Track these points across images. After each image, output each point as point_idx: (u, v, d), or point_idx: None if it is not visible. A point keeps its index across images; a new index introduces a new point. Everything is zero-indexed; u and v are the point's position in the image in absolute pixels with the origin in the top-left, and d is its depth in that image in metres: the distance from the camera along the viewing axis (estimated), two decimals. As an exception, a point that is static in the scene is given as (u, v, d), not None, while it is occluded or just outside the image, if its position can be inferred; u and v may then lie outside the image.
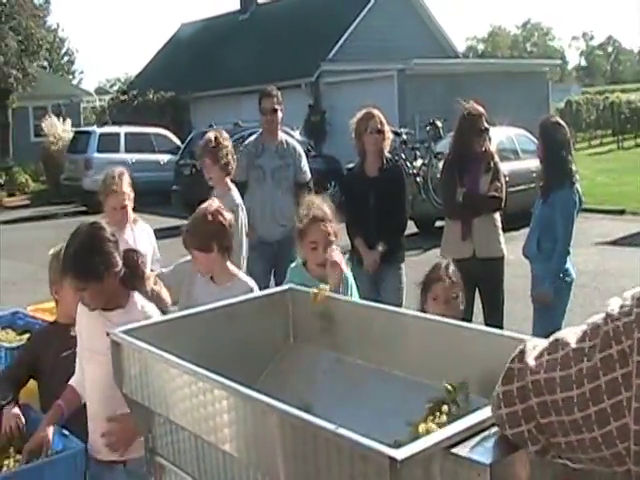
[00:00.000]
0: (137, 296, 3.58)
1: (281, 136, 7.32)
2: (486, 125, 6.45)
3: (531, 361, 1.56)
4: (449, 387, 2.25)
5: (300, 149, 7.43)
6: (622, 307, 1.43)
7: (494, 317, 6.24)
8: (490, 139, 6.73)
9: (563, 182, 6.03)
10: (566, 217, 6.02)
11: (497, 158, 6.67)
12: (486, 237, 6.40)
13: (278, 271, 7.00)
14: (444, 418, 2.12)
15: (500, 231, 6.51)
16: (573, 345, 1.48)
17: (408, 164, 16.24)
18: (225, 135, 6.55)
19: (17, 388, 4.05)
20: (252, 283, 4.38)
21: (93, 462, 3.57)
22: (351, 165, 6.70)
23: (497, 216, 6.51)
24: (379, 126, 6.33)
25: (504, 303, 6.60)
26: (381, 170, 6.41)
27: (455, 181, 6.46)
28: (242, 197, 7.26)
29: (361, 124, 6.38)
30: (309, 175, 7.38)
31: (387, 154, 6.54)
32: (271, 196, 7.12)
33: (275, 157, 7.18)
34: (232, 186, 6.47)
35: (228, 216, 4.41)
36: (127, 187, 5.66)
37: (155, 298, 4.20)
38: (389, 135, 6.47)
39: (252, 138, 7.41)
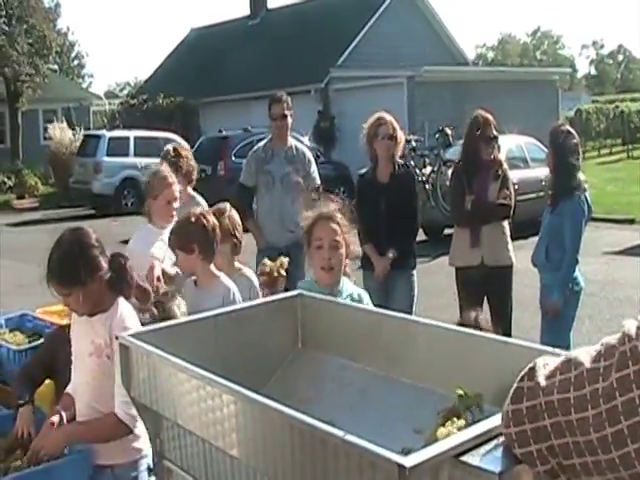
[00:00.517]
0: (121, 302, 3.57)
1: (291, 142, 7.31)
2: (495, 133, 6.45)
3: (542, 380, 1.54)
4: (462, 393, 2.22)
5: (310, 155, 7.42)
6: (639, 328, 1.42)
7: (502, 325, 6.22)
8: (499, 147, 6.73)
9: (572, 191, 6.02)
10: (574, 226, 6.00)
11: (506, 166, 6.67)
12: (495, 245, 6.39)
13: (287, 277, 7.00)
14: (461, 423, 2.10)
15: (509, 239, 6.50)
16: (587, 365, 1.47)
17: (417, 171, 16.20)
18: (184, 145, 6.57)
19: (33, 388, 4.09)
20: (232, 285, 4.39)
21: None
22: (363, 170, 6.65)
23: (506, 224, 6.49)
24: (391, 132, 6.28)
25: (512, 311, 6.59)
26: (392, 176, 6.37)
27: (464, 188, 6.45)
28: (250, 202, 7.26)
29: (372, 129, 6.34)
30: (318, 181, 7.35)
31: (399, 160, 6.50)
32: (280, 202, 7.10)
33: (284, 163, 7.16)
34: (195, 194, 6.44)
35: (213, 220, 4.45)
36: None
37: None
38: (401, 141, 6.43)
39: (262, 143, 7.41)
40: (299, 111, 8.92)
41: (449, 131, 17.41)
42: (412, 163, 16.40)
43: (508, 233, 6.51)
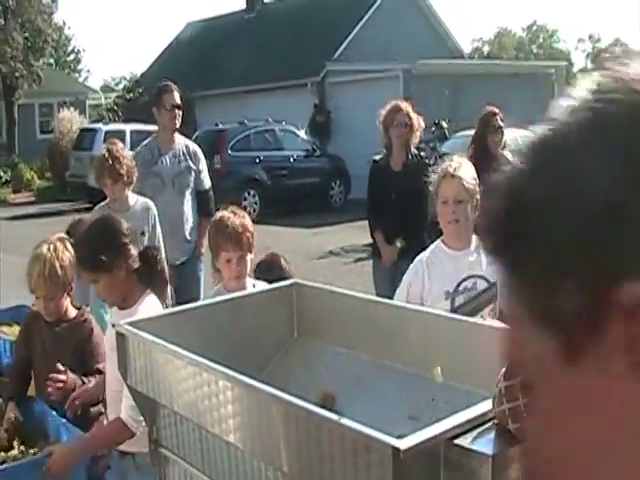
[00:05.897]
0: (146, 299, 3.45)
1: (180, 138, 6.54)
2: (500, 123, 6.65)
3: None
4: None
5: (201, 154, 6.62)
6: None
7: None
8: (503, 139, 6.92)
9: None
10: None
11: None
12: None
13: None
14: None
15: None
16: None
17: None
18: (120, 145, 5.78)
19: (20, 383, 4.14)
20: None
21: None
22: (377, 157, 6.59)
23: None
24: (406, 120, 6.26)
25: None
26: (405, 164, 6.34)
27: None
28: None
29: (389, 116, 6.33)
30: (209, 183, 6.66)
31: (413, 149, 6.47)
32: (173, 207, 6.26)
33: (175, 161, 6.37)
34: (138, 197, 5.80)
35: None
36: None
37: None
38: (417, 129, 6.35)
39: (145, 142, 6.55)
40: (295, 105, 8.94)
41: (445, 124, 17.41)
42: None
43: None
